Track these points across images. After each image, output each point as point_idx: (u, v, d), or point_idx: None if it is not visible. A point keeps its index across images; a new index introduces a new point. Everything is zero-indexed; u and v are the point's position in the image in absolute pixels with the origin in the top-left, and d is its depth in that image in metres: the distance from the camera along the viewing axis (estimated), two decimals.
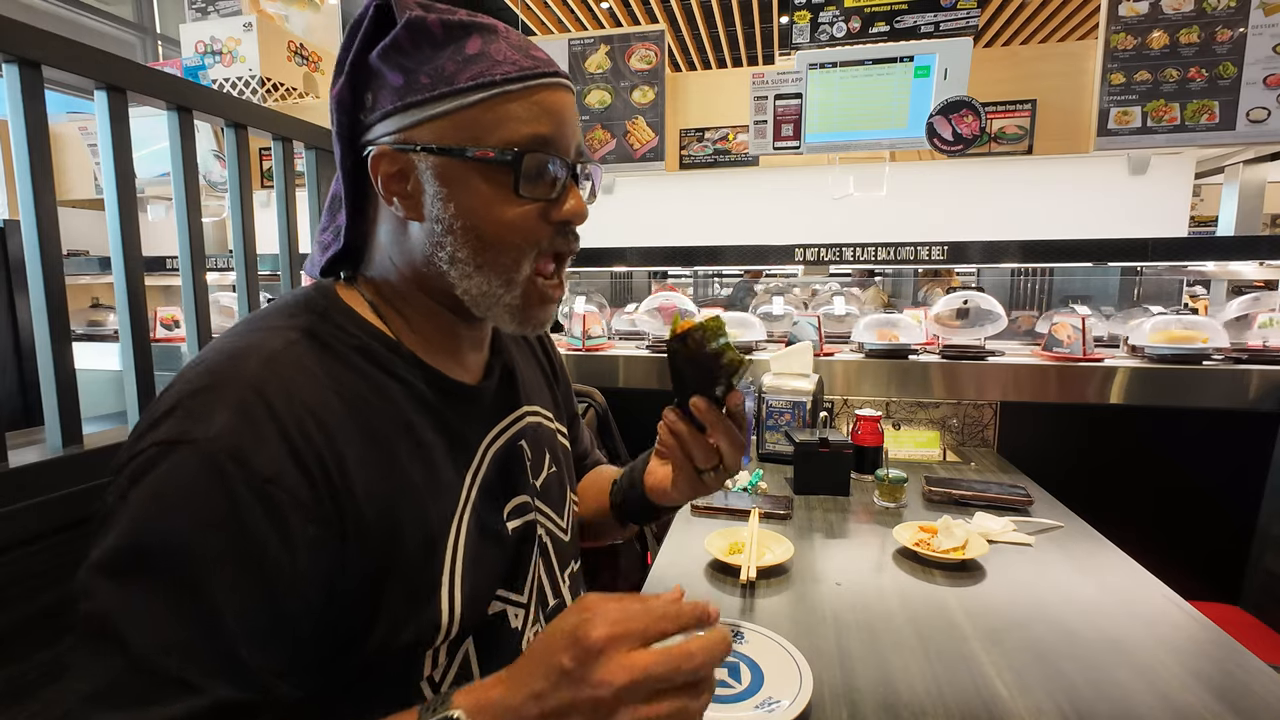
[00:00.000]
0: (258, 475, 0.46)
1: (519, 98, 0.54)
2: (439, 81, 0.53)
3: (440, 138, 0.54)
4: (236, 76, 2.44)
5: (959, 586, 0.97)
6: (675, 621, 0.44)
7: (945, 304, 1.95)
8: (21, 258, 1.16)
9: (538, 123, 0.55)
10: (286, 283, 1.17)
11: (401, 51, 0.54)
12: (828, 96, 1.90)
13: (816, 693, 0.69)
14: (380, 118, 0.55)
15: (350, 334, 0.57)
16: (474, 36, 0.54)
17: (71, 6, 4.18)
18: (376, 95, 0.56)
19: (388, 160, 0.55)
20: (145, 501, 0.45)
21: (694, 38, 5.78)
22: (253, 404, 0.48)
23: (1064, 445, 1.73)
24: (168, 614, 0.43)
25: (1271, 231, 3.55)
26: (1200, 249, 1.75)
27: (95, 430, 0.83)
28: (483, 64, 0.54)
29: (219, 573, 0.44)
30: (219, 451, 0.45)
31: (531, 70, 0.55)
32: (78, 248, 2.86)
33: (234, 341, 0.53)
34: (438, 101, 0.54)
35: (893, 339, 1.84)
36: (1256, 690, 0.71)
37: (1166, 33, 1.74)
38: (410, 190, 0.56)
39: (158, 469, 0.45)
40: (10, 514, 0.68)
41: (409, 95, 0.54)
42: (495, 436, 0.66)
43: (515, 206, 0.56)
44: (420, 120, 0.54)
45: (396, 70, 0.54)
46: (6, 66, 0.72)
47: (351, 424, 0.52)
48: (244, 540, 0.45)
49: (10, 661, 0.67)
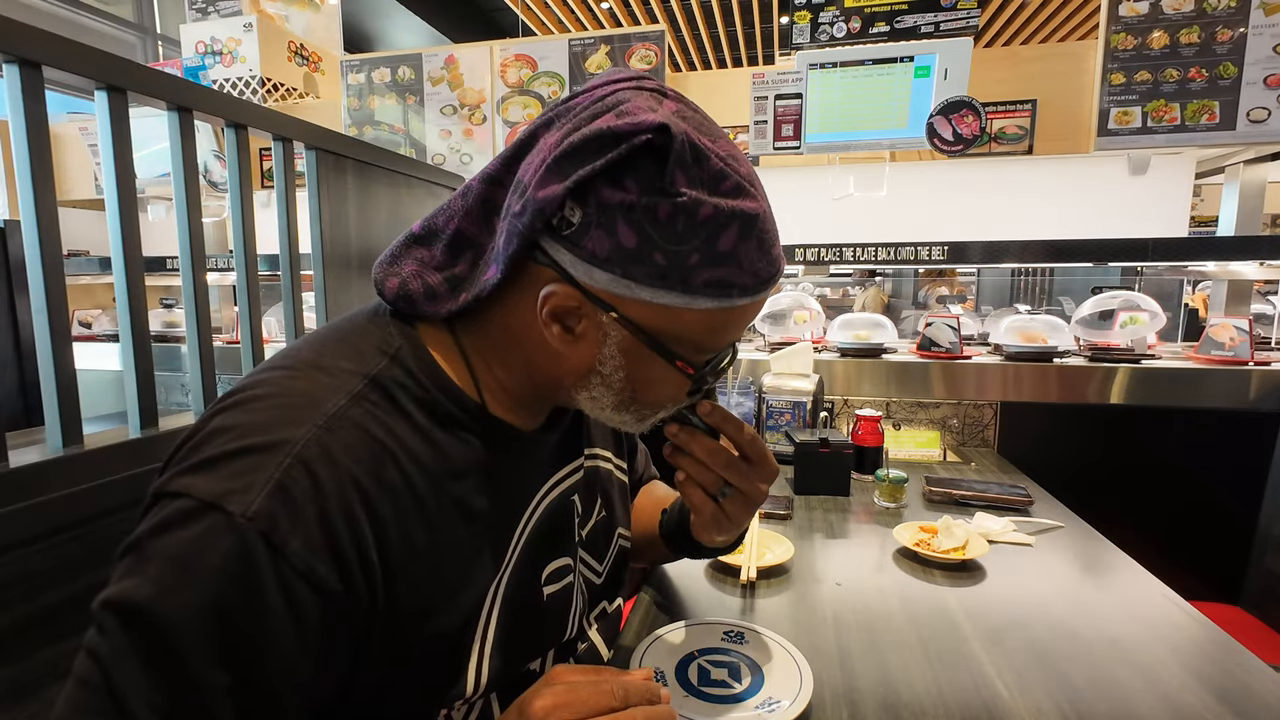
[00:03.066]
0: (288, 564, 0.43)
1: (741, 308, 0.50)
2: (675, 272, 0.46)
3: (646, 321, 0.49)
4: (237, 77, 2.44)
5: (959, 587, 0.97)
6: (621, 699, 0.48)
7: (1093, 305, 1.86)
8: (22, 258, 1.16)
9: (737, 330, 0.53)
10: (286, 283, 1.17)
11: (652, 220, 0.45)
12: (828, 97, 1.90)
13: (817, 693, 0.69)
14: (584, 256, 0.47)
15: (420, 386, 0.52)
16: (732, 230, 0.46)
17: (71, 7, 4.18)
18: (589, 227, 0.47)
19: (569, 298, 0.49)
20: (168, 563, 0.42)
21: (694, 38, 5.78)
22: (298, 479, 0.44)
23: (1064, 445, 1.73)
24: (165, 681, 0.41)
25: (1272, 232, 3.54)
26: (1200, 249, 1.75)
27: (95, 430, 0.83)
28: (727, 270, 0.47)
29: (226, 656, 0.42)
30: (253, 532, 0.42)
31: (765, 281, 0.50)
32: (78, 248, 2.86)
33: (298, 380, 0.49)
34: (664, 291, 0.47)
35: (1041, 341, 1.77)
36: (1257, 690, 0.71)
37: (1167, 33, 1.73)
38: (579, 332, 0.51)
39: (188, 530, 0.42)
40: (10, 514, 0.68)
41: (634, 266, 0.46)
42: (550, 489, 0.62)
43: (675, 388, 0.55)
44: (631, 297, 0.48)
45: (634, 232, 0.46)
46: (7, 67, 0.72)
47: (401, 496, 0.49)
48: (259, 631, 0.42)
49: (11, 661, 0.67)
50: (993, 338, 1.90)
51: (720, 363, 0.56)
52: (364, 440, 0.48)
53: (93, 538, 0.76)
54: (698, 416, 0.62)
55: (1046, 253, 1.75)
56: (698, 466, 0.63)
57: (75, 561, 0.73)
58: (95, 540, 0.76)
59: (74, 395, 0.79)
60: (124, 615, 0.41)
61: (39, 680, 0.69)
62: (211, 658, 0.41)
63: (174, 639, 0.41)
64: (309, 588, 0.43)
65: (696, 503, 0.65)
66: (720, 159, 0.47)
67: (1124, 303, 1.82)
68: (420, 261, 0.55)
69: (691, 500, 0.65)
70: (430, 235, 0.56)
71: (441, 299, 0.54)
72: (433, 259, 0.55)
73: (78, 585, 0.73)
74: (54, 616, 0.71)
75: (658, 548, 0.84)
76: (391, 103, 2.39)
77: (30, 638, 0.69)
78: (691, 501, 0.66)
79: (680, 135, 0.45)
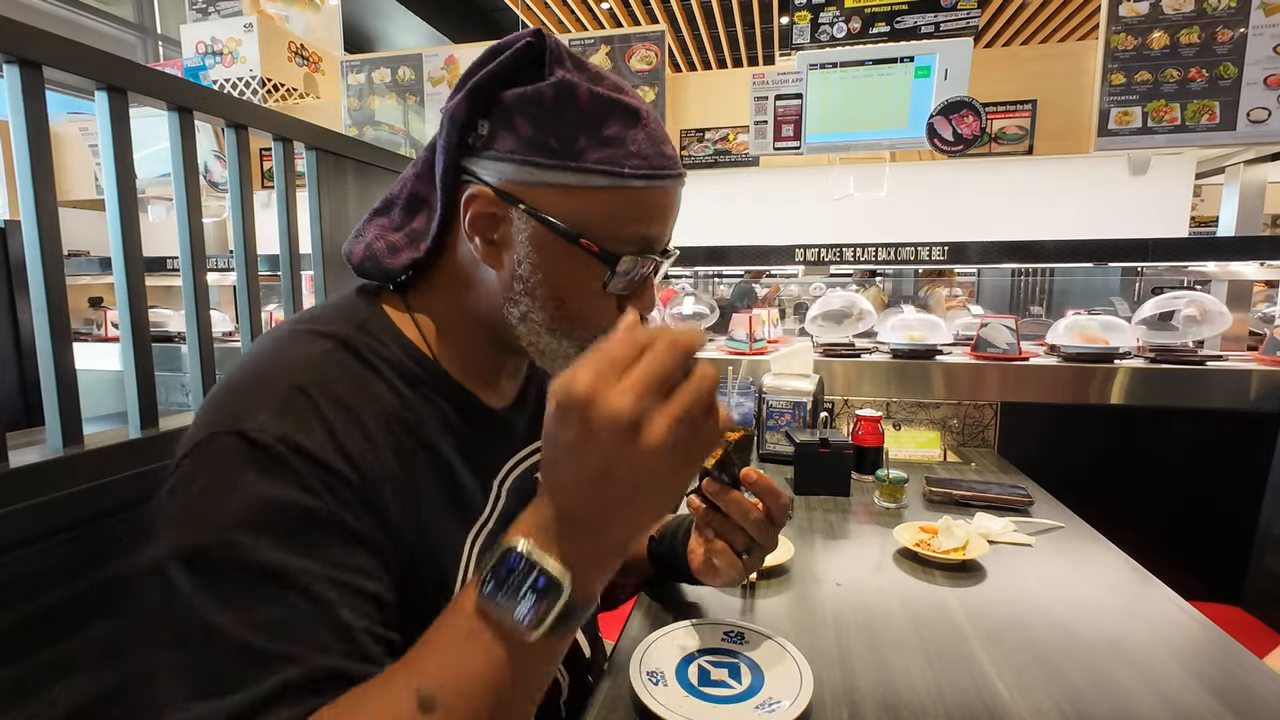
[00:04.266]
0: (311, 456, 0.46)
1: (638, 194, 0.54)
2: (568, 152, 0.52)
3: (550, 207, 0.53)
4: (237, 77, 2.44)
5: (959, 587, 0.97)
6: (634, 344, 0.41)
7: (1155, 305, 1.82)
8: (22, 258, 1.16)
9: (647, 223, 0.55)
10: (287, 283, 1.17)
11: (541, 106, 0.52)
12: (828, 97, 1.90)
13: (817, 693, 0.69)
14: (492, 157, 0.54)
15: (385, 347, 0.57)
16: (615, 117, 0.53)
17: (72, 7, 4.18)
18: (495, 129, 0.54)
19: (483, 201, 0.54)
20: (208, 490, 0.45)
21: (694, 38, 5.78)
22: (296, 399, 0.49)
23: (1064, 445, 1.73)
24: (255, 596, 0.43)
25: (1272, 232, 3.55)
26: (1201, 249, 1.75)
27: (96, 430, 0.83)
28: (615, 150, 0.52)
29: (296, 545, 0.44)
30: (269, 436, 0.46)
31: (659, 170, 0.54)
32: (78, 248, 2.86)
33: (271, 347, 0.54)
34: (560, 171, 0.52)
35: (1101, 343, 1.73)
36: (1256, 690, 0.71)
37: (1167, 33, 1.73)
38: (497, 239, 0.55)
39: (214, 459, 0.46)
40: (10, 514, 0.68)
41: (532, 152, 0.52)
42: (518, 463, 0.65)
43: (598, 293, 0.56)
44: (534, 182, 0.53)
45: (528, 121, 0.52)
46: (7, 67, 0.72)
47: (384, 433, 0.52)
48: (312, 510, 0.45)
49: (11, 661, 0.67)
50: (1050, 338, 1.85)
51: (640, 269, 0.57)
52: (343, 377, 0.52)
53: (93, 538, 0.76)
54: (730, 477, 0.65)
55: (1047, 253, 1.75)
56: (731, 527, 0.68)
57: (75, 561, 0.73)
58: (95, 540, 0.76)
59: (74, 395, 0.79)
60: (189, 559, 0.43)
61: (39, 680, 0.69)
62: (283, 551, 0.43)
63: (241, 551, 0.43)
64: (330, 475, 0.47)
65: (726, 560, 0.69)
66: (599, 70, 0.55)
67: (1189, 303, 1.78)
68: (381, 227, 0.62)
69: (721, 557, 0.69)
70: (388, 204, 0.63)
71: (402, 250, 0.60)
72: (392, 222, 0.62)
73: (78, 585, 0.73)
74: (54, 616, 0.71)
75: (644, 569, 0.88)
76: (392, 103, 2.40)
77: (30, 638, 0.69)
78: (721, 559, 0.69)
79: (554, 38, 0.53)
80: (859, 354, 1.87)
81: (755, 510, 0.67)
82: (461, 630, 0.43)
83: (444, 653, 0.43)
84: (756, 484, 0.66)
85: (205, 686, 0.41)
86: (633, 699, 0.68)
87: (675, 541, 0.82)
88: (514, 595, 0.41)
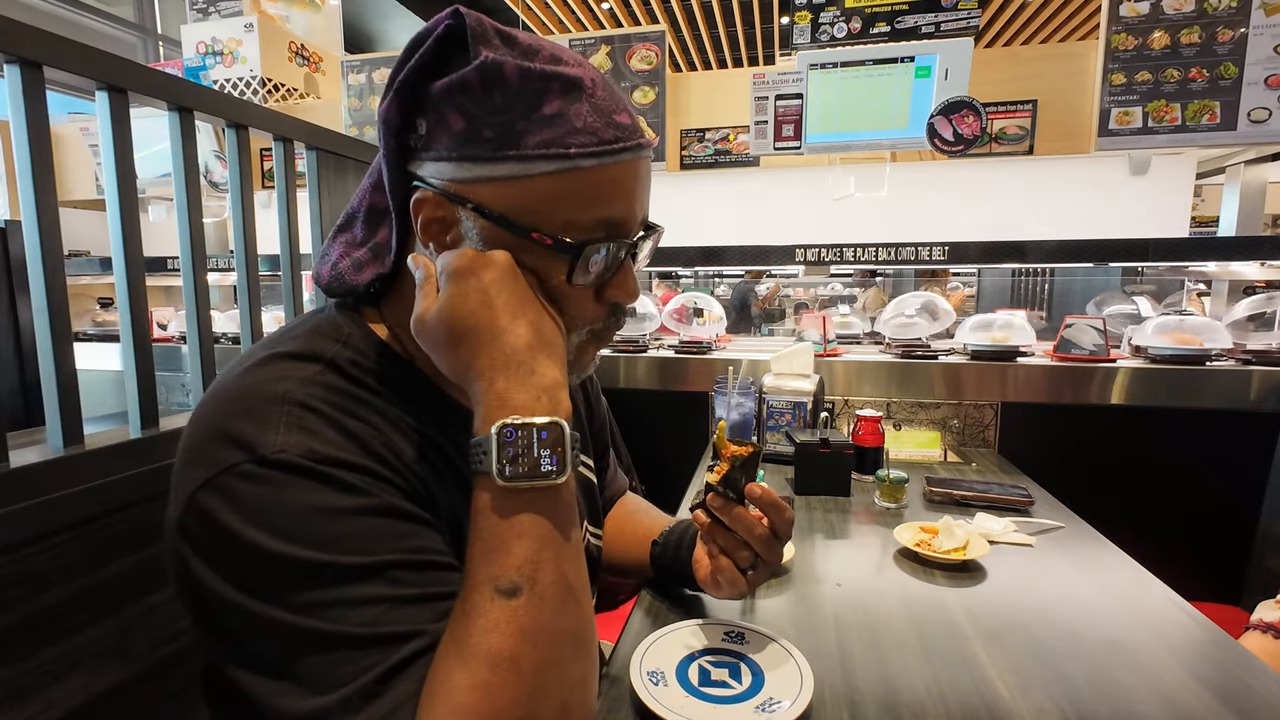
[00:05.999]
0: (336, 461, 0.46)
1: (591, 173, 0.49)
2: (505, 140, 0.48)
3: (496, 203, 0.49)
4: (237, 77, 2.44)
5: (960, 587, 0.97)
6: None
7: (1248, 306, 1.76)
8: (23, 258, 1.16)
9: (607, 205, 0.51)
10: (287, 283, 1.17)
11: (468, 94, 0.47)
12: (828, 97, 1.90)
13: (817, 693, 0.69)
14: (433, 157, 0.50)
15: (368, 358, 0.55)
16: (553, 93, 0.48)
17: (72, 7, 4.19)
18: (431, 129, 0.50)
19: (432, 205, 0.51)
20: (252, 514, 0.44)
21: (694, 38, 5.78)
22: (299, 415, 0.48)
23: (1065, 446, 1.73)
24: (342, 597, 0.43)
25: (1272, 232, 3.54)
26: (1201, 249, 1.75)
27: (96, 430, 0.83)
28: (558, 129, 0.47)
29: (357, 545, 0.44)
30: (293, 455, 0.45)
31: (611, 144, 0.49)
32: (79, 248, 2.86)
33: (256, 372, 0.51)
34: (500, 163, 0.48)
35: (1196, 344, 1.66)
36: (1257, 690, 0.71)
37: (1167, 33, 1.73)
38: (450, 242, 0.52)
39: (243, 487, 0.45)
40: (10, 514, 0.68)
41: (468, 147, 0.48)
42: None
43: (565, 289, 0.52)
44: (476, 178, 0.49)
45: (458, 113, 0.48)
46: (8, 67, 0.72)
47: (393, 437, 0.52)
48: (363, 508, 0.46)
49: (11, 661, 0.67)
50: (1135, 340, 1.77)
51: (610, 256, 0.52)
52: (336, 392, 0.51)
53: (93, 538, 0.76)
54: (735, 493, 0.67)
55: (1047, 253, 1.75)
56: (736, 543, 0.69)
57: (75, 561, 0.73)
58: (95, 540, 0.76)
59: (75, 395, 0.79)
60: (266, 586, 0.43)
61: (39, 680, 0.69)
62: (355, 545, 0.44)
63: (308, 563, 0.43)
64: (365, 473, 0.47)
65: (730, 577, 0.70)
66: (535, 42, 0.50)
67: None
68: (345, 244, 0.60)
69: (725, 574, 0.71)
70: (349, 220, 0.60)
71: (367, 266, 0.58)
72: (355, 238, 0.59)
73: (78, 585, 0.73)
74: (54, 616, 0.71)
75: (645, 572, 0.89)
76: None
77: (30, 638, 0.69)
78: (725, 575, 0.71)
79: (475, 15, 0.49)
80: (936, 355, 1.83)
81: (760, 526, 0.67)
82: (495, 518, 0.45)
83: (495, 544, 0.45)
84: (761, 499, 0.67)
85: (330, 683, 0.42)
86: (633, 699, 0.68)
87: (680, 550, 0.82)
88: (530, 458, 0.45)
